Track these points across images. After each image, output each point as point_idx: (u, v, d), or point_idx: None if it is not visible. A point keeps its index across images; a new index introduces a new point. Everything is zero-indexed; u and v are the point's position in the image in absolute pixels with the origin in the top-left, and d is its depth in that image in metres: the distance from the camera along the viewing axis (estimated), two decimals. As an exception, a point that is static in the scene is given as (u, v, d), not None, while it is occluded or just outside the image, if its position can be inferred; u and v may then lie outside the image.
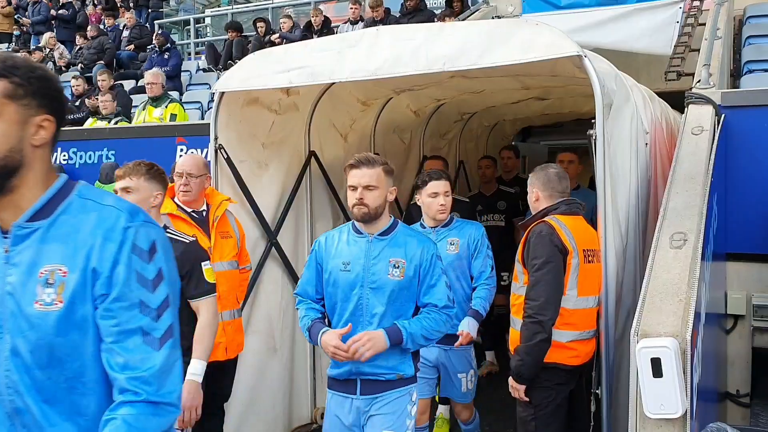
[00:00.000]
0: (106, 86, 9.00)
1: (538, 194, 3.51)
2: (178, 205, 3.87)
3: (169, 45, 11.51)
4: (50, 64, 12.45)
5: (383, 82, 4.48)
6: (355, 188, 2.98)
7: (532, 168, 4.04)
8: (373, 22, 9.77)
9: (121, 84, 10.31)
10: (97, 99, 8.88)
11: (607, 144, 3.22)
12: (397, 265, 2.96)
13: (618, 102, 3.38)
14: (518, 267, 3.42)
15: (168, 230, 3.27)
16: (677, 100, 4.95)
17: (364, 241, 3.02)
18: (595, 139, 3.21)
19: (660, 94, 4.94)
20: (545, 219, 3.34)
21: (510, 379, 3.34)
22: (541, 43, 3.17)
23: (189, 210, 3.83)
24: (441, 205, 3.85)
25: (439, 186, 3.84)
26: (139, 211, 1.60)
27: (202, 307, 3.26)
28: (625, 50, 7.34)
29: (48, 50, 13.16)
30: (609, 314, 3.30)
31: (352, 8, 10.50)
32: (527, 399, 3.30)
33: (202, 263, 3.28)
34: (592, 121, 3.23)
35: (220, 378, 3.93)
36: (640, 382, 2.57)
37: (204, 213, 3.87)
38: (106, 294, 1.51)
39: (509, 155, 6.51)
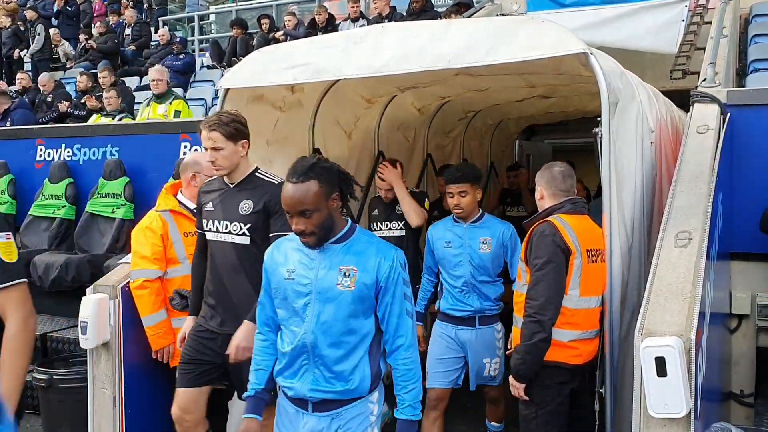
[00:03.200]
0: (108, 83, 9.02)
1: (542, 192, 3.50)
2: (180, 202, 3.89)
3: (185, 51, 11.68)
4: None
5: (388, 80, 4.48)
6: None
7: (535, 167, 4.04)
8: (379, 18, 9.76)
9: (123, 81, 10.34)
10: (93, 98, 8.93)
11: (612, 142, 3.22)
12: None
13: (624, 100, 3.37)
14: (521, 266, 3.42)
15: None
16: (682, 99, 4.94)
17: None
18: (600, 138, 3.21)
19: (665, 93, 4.92)
20: (548, 219, 3.34)
21: (510, 377, 3.35)
22: (547, 41, 3.16)
23: (191, 207, 3.84)
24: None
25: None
26: None
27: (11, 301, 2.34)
28: (630, 48, 7.31)
29: (53, 46, 13.20)
30: (614, 313, 3.30)
31: (351, 6, 10.48)
32: (527, 398, 3.31)
33: None
34: (598, 119, 3.22)
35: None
36: (644, 381, 2.57)
37: None
38: None
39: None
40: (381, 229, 4.95)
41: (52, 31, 13.21)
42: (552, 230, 3.25)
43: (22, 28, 13.28)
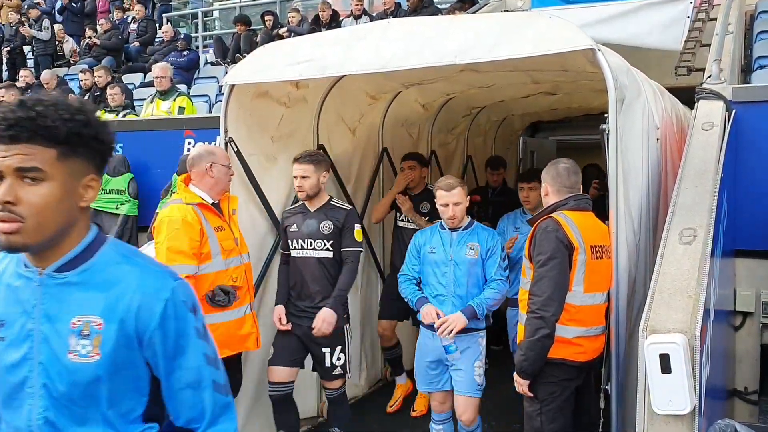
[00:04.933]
0: (103, 83, 9.04)
1: (547, 189, 3.50)
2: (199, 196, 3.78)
3: (189, 47, 11.70)
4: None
5: (392, 76, 4.48)
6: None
7: (540, 163, 4.03)
8: (383, 15, 9.75)
9: (121, 79, 10.36)
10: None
11: (619, 139, 3.21)
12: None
13: (630, 97, 3.36)
14: (525, 262, 3.42)
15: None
16: (687, 96, 4.93)
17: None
18: (607, 134, 3.20)
19: (670, 90, 4.91)
20: (552, 215, 3.34)
21: (515, 374, 3.35)
22: (553, 37, 3.15)
23: (210, 201, 3.76)
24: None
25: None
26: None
27: None
28: (634, 45, 7.29)
29: (57, 42, 13.21)
30: (620, 310, 3.30)
31: (355, 3, 10.46)
32: (531, 394, 3.31)
33: None
34: (605, 115, 3.21)
35: (238, 369, 3.95)
36: (649, 378, 2.57)
37: (216, 205, 3.82)
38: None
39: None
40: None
41: (56, 27, 13.22)
42: (555, 226, 3.25)
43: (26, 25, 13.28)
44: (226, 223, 3.78)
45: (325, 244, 4.17)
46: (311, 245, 4.20)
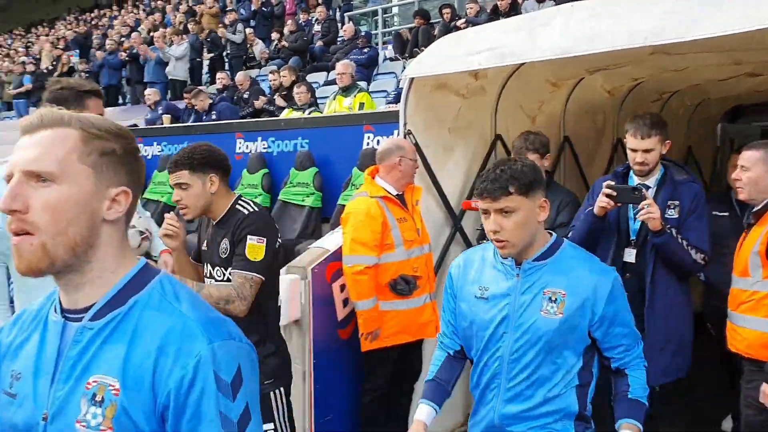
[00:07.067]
0: (288, 82, 9.56)
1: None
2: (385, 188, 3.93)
3: (369, 44, 12.18)
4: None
5: (575, 62, 4.27)
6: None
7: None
8: None
9: (306, 77, 10.92)
10: (281, 98, 9.62)
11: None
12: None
13: None
14: (754, 260, 3.13)
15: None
16: None
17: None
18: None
19: None
20: None
21: (765, 385, 3.02)
22: (762, 10, 2.81)
23: (394, 193, 3.90)
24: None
25: None
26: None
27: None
28: None
29: (248, 45, 14.23)
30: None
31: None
32: None
33: None
34: None
35: (418, 357, 4.03)
36: None
37: (400, 196, 3.94)
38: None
39: None
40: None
41: (247, 30, 14.24)
42: None
43: (218, 33, 14.42)
44: (409, 214, 3.89)
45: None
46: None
